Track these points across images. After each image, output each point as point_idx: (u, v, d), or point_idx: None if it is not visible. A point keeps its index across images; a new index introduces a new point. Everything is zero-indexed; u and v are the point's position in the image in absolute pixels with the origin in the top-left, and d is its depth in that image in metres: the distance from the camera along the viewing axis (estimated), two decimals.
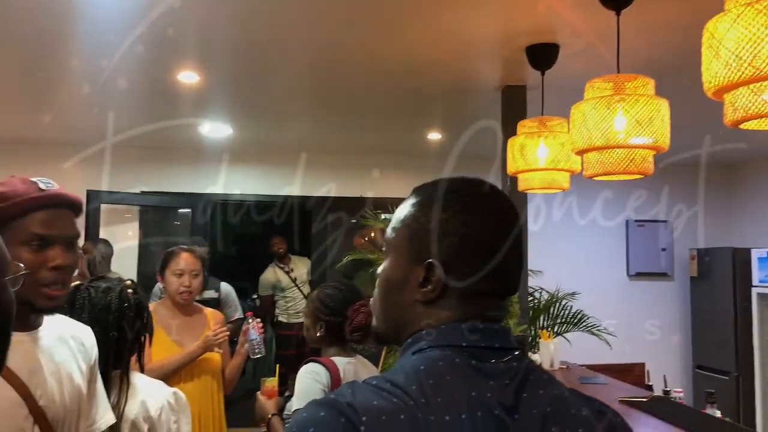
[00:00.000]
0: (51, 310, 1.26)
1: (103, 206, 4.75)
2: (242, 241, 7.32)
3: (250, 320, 2.70)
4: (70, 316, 1.61)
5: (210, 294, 3.89)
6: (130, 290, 1.73)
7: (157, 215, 5.32)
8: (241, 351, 2.71)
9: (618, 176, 2.03)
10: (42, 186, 1.24)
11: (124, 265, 4.40)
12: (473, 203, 0.83)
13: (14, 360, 1.19)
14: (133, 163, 4.81)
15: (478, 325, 0.80)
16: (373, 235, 5.64)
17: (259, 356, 2.70)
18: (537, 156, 2.48)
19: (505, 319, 0.87)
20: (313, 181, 5.16)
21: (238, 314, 3.91)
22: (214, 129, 4.41)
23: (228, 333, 2.64)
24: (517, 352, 0.81)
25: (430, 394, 0.73)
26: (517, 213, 0.88)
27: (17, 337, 1.18)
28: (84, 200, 1.35)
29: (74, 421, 1.33)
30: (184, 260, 2.68)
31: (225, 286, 4.07)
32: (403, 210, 0.87)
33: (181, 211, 5.45)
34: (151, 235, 5.04)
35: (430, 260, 0.81)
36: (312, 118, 4.24)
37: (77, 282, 1.71)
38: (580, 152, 1.94)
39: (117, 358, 1.66)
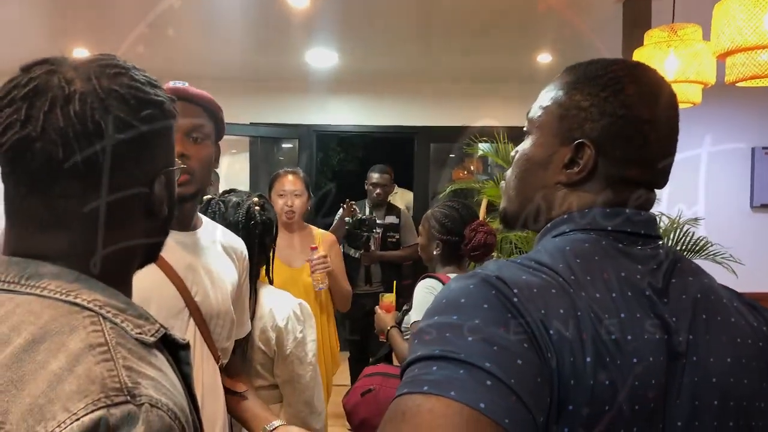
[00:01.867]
0: (180, 198, 1.30)
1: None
2: (346, 171, 7.43)
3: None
4: None
5: (391, 219, 4.08)
6: (257, 207, 1.79)
7: (265, 148, 5.47)
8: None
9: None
10: (171, 83, 1.28)
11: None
12: (636, 85, 0.77)
13: (173, 256, 1.28)
14: (242, 94, 4.93)
15: (624, 212, 0.76)
16: (473, 168, 5.54)
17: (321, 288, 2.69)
18: (665, 69, 2.30)
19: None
20: (416, 111, 5.10)
21: (414, 240, 3.99)
22: (321, 57, 4.42)
23: (327, 264, 2.65)
24: (661, 242, 0.77)
25: (579, 272, 0.69)
26: (677, 104, 0.81)
27: (176, 236, 1.29)
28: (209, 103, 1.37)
29: (226, 323, 1.41)
30: (287, 181, 2.74)
31: (404, 213, 4.23)
32: (554, 88, 0.82)
33: (285, 145, 5.57)
34: (259, 167, 5.21)
35: (581, 140, 0.76)
36: (417, 42, 4.15)
37: (209, 196, 1.80)
38: (724, 55, 1.78)
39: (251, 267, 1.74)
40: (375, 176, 4.15)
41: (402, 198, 5.26)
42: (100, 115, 0.64)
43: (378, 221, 3.96)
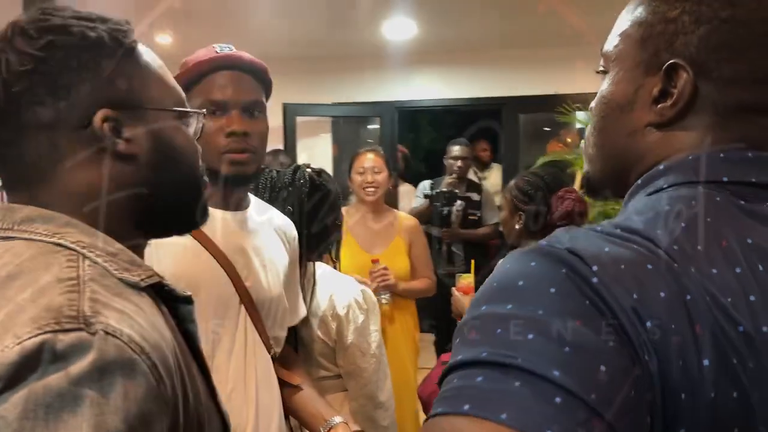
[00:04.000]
0: (238, 178, 1.21)
1: (299, 119, 4.89)
2: (432, 148, 7.23)
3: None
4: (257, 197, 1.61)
5: (473, 196, 3.89)
6: (309, 170, 1.66)
7: (348, 127, 5.39)
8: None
9: None
10: (217, 49, 1.18)
11: None
12: None
13: (221, 238, 1.21)
14: (324, 74, 4.85)
15: (744, 154, 0.55)
16: (569, 140, 5.18)
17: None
18: None
19: None
20: (503, 80, 4.81)
21: (496, 219, 3.83)
22: (399, 28, 4.23)
23: (388, 278, 2.45)
24: None
25: (685, 240, 0.50)
26: None
27: (225, 216, 1.21)
28: (267, 73, 1.28)
29: (279, 310, 1.30)
30: (367, 159, 2.64)
31: (486, 190, 4.05)
32: (632, 7, 0.62)
33: (371, 126, 5.45)
34: (343, 148, 5.12)
35: (673, 61, 0.56)
36: (501, 4, 3.87)
37: (263, 165, 1.71)
38: None
39: (302, 248, 1.61)
40: (455, 149, 3.95)
41: (498, 174, 5.01)
42: (4, 54, 0.63)
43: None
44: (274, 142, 4.54)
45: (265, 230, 1.32)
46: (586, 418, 0.41)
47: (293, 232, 1.43)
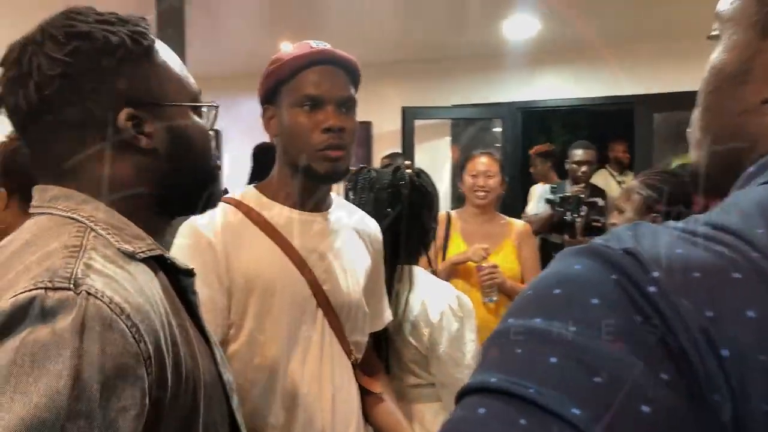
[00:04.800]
0: (332, 175, 1.19)
1: (417, 122, 4.87)
2: (561, 149, 6.91)
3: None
4: (353, 197, 1.59)
5: (598, 202, 3.64)
6: (408, 170, 1.62)
7: (469, 130, 5.29)
8: None
9: None
10: (312, 44, 1.17)
11: (436, 181, 4.48)
12: None
13: (299, 240, 1.19)
14: (443, 76, 4.80)
15: None
16: None
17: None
18: None
19: None
20: (634, 77, 4.47)
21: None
22: (520, 26, 4.08)
23: (495, 275, 2.37)
24: None
25: None
26: None
27: (304, 217, 1.21)
28: (357, 71, 1.26)
29: (359, 315, 1.27)
30: (480, 162, 2.56)
31: (611, 195, 3.80)
32: None
33: (492, 129, 5.31)
34: (464, 152, 5.03)
35: None
36: None
37: (362, 165, 1.70)
38: None
39: (398, 249, 1.57)
40: (578, 153, 3.71)
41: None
42: (36, 58, 0.68)
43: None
44: (392, 145, 4.58)
45: (346, 232, 1.29)
46: None
47: (378, 235, 1.39)
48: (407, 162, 1.72)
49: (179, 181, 0.78)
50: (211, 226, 1.13)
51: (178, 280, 0.77)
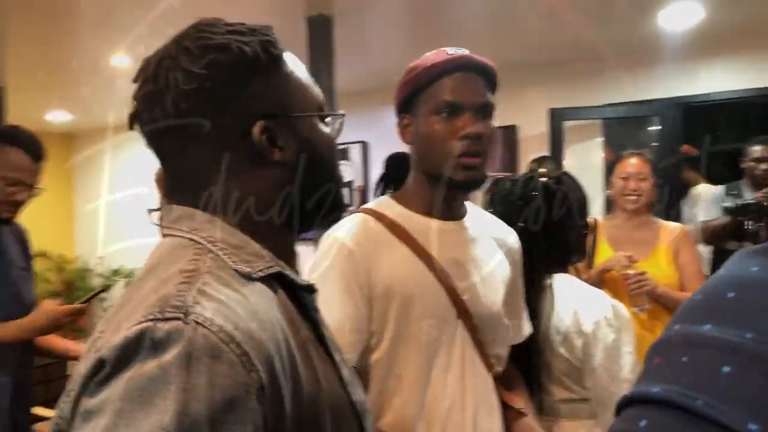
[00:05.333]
0: (470, 183, 1.18)
1: (566, 124, 4.69)
2: (732, 148, 6.28)
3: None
4: (492, 209, 1.56)
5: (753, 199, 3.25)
6: (543, 178, 1.56)
7: (623, 130, 4.99)
8: None
9: None
10: (449, 51, 1.17)
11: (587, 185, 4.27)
12: None
13: (438, 249, 1.18)
14: (592, 75, 4.58)
15: None
16: None
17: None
18: None
19: None
20: None
21: None
22: (680, 15, 3.78)
23: (645, 282, 2.18)
24: None
25: None
26: None
27: (441, 226, 1.20)
28: (494, 72, 1.24)
29: (500, 326, 1.24)
30: (630, 164, 2.42)
31: None
32: None
33: (651, 128, 4.96)
34: (617, 152, 4.75)
35: None
36: None
37: (500, 176, 1.67)
38: None
39: (538, 260, 1.52)
40: (757, 149, 3.31)
41: None
42: (172, 73, 0.68)
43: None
44: (539, 149, 4.44)
45: (484, 241, 1.26)
46: None
47: (516, 245, 1.35)
48: (542, 170, 1.65)
49: (311, 191, 0.76)
50: (352, 235, 1.15)
51: (299, 297, 0.73)
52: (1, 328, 1.70)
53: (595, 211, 2.76)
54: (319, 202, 0.77)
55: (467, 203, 1.30)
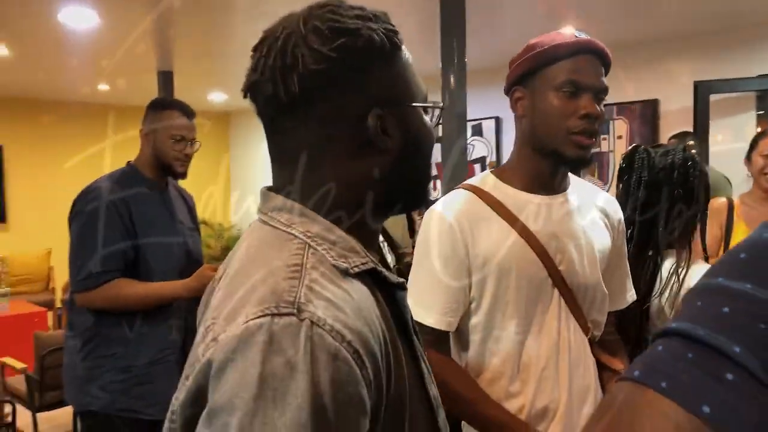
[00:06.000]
0: (579, 161, 1.24)
1: (713, 97, 4.41)
2: None
3: None
4: (626, 176, 1.64)
5: None
6: (683, 153, 1.60)
7: None
8: None
9: None
10: (577, 34, 1.23)
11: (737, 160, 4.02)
12: None
13: (534, 221, 1.24)
14: (742, 45, 4.26)
15: None
16: None
17: None
18: None
19: None
20: None
21: None
22: None
23: None
24: None
25: None
26: None
27: (540, 200, 1.26)
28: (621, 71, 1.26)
29: (597, 294, 1.31)
30: None
31: None
32: None
33: None
34: None
35: None
36: None
37: (634, 144, 1.70)
38: None
39: (661, 233, 1.56)
40: None
41: None
42: (299, 50, 0.67)
43: None
44: (682, 123, 4.24)
45: (584, 213, 1.31)
46: None
47: (618, 214, 1.38)
48: (690, 143, 1.66)
49: (404, 182, 0.76)
50: (452, 210, 1.24)
51: (390, 293, 0.74)
52: (169, 287, 2.03)
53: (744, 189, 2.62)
54: (413, 189, 0.78)
55: (570, 175, 1.35)
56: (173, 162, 2.09)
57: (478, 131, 5.97)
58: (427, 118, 0.77)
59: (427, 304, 1.23)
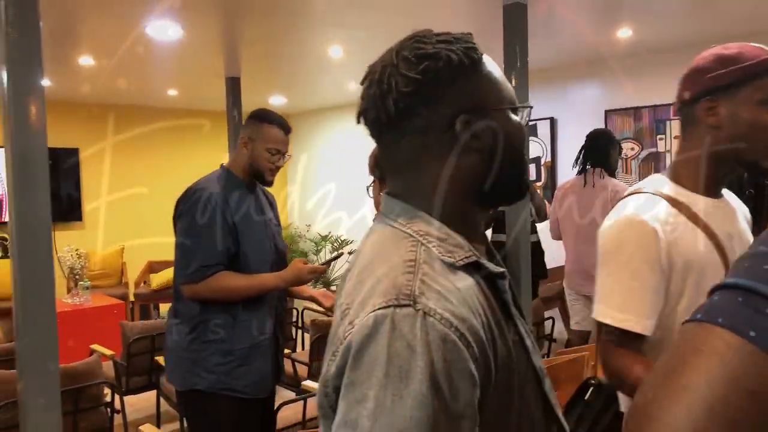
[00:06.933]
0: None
1: None
2: None
3: None
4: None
5: None
6: None
7: None
8: None
9: None
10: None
11: None
12: None
13: (715, 224, 1.30)
14: None
15: None
16: None
17: None
18: None
19: None
20: None
21: None
22: None
23: None
24: None
25: None
26: None
27: (716, 203, 1.34)
28: None
29: None
30: None
31: None
32: None
33: None
34: None
35: None
36: None
37: None
38: None
39: None
40: None
41: None
42: (393, 78, 0.81)
43: None
44: None
45: (739, 215, 1.39)
46: None
47: (749, 215, 1.47)
48: None
49: (500, 178, 0.85)
50: (651, 216, 1.27)
51: (492, 282, 0.83)
52: (268, 279, 2.25)
53: None
54: (509, 184, 0.87)
55: None
56: (266, 171, 2.32)
57: (533, 132, 6.06)
58: (515, 118, 0.87)
59: (635, 310, 1.25)
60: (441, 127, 0.82)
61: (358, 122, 0.88)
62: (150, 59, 5.03)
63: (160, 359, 3.60)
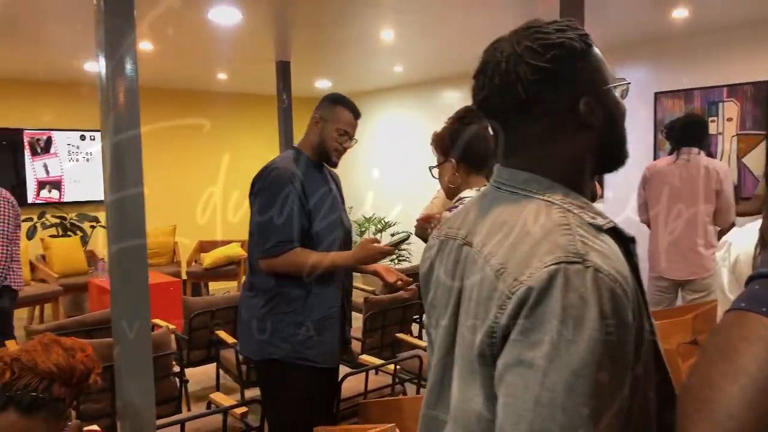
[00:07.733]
0: None
1: None
2: None
3: None
4: None
5: None
6: None
7: None
8: None
9: None
10: None
11: None
12: None
13: None
14: None
15: None
16: None
17: None
18: None
19: None
20: None
21: None
22: None
23: None
24: None
25: None
26: None
27: None
28: None
29: None
30: None
31: None
32: None
33: None
34: None
35: None
36: None
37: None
38: None
39: None
40: None
41: None
42: (520, 67, 0.87)
43: None
44: None
45: None
46: None
47: None
48: None
49: (610, 150, 0.94)
50: None
51: (628, 246, 0.87)
52: (340, 257, 2.35)
53: None
54: (617, 154, 0.95)
55: None
56: (332, 152, 2.41)
57: None
58: (617, 93, 0.94)
59: None
60: (566, 108, 0.88)
61: (478, 110, 0.96)
62: (207, 44, 5.15)
63: (221, 333, 3.79)
